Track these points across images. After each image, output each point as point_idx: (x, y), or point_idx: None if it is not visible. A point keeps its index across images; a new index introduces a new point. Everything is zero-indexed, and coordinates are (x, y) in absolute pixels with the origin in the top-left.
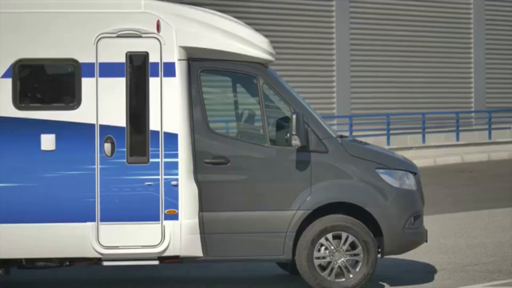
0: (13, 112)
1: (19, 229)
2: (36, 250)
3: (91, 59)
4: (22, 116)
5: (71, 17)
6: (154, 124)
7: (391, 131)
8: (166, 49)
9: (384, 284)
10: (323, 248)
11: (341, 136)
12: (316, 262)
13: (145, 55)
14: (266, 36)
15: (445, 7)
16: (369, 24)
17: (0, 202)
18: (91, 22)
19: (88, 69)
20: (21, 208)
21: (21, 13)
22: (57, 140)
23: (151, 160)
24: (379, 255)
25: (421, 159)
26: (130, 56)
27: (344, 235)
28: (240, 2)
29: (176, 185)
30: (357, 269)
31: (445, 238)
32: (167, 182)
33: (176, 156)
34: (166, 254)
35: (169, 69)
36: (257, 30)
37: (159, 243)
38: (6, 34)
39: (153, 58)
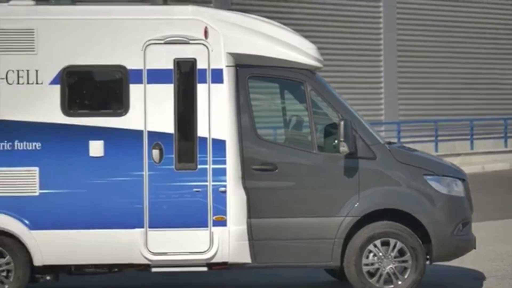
0: (61, 118)
1: (68, 236)
2: (84, 256)
3: (139, 66)
4: (70, 122)
5: (119, 23)
6: (202, 131)
7: (439, 138)
8: (214, 56)
9: None
10: (371, 254)
11: (389, 143)
12: (365, 268)
13: (193, 62)
14: (313, 42)
15: (492, 13)
16: (416, 30)
17: (49, 209)
18: (139, 28)
19: (136, 76)
20: (70, 214)
21: (69, 19)
22: (106, 146)
23: (199, 166)
24: (427, 262)
25: (469, 165)
26: (178, 63)
27: (392, 241)
28: (288, 8)
29: (224, 192)
30: (406, 276)
31: (494, 245)
32: (215, 189)
33: (224, 162)
34: (215, 260)
35: (217, 76)
36: (305, 36)
37: (207, 250)
38: (54, 40)
39: (201, 64)
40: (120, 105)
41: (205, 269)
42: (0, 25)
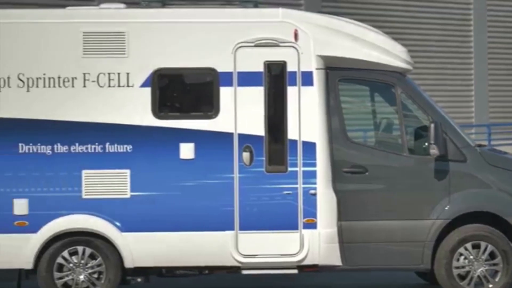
0: (152, 121)
1: (159, 238)
2: (175, 258)
3: (229, 68)
4: (161, 125)
5: (209, 26)
6: (292, 133)
7: None
8: (304, 58)
9: None
10: (462, 257)
11: (480, 145)
12: (455, 271)
13: (283, 64)
14: (403, 45)
15: None
16: (507, 33)
17: (140, 211)
18: (229, 31)
19: (226, 78)
20: (161, 216)
21: (160, 22)
22: (196, 149)
23: (289, 169)
24: None
25: None
26: (268, 65)
27: (483, 244)
28: (378, 11)
29: (315, 194)
30: (497, 279)
31: None
32: (305, 191)
33: (314, 165)
34: (305, 263)
35: (307, 78)
36: (395, 39)
37: (297, 252)
38: (145, 43)
39: (291, 67)
40: (210, 107)
41: (295, 271)
42: (91, 29)
